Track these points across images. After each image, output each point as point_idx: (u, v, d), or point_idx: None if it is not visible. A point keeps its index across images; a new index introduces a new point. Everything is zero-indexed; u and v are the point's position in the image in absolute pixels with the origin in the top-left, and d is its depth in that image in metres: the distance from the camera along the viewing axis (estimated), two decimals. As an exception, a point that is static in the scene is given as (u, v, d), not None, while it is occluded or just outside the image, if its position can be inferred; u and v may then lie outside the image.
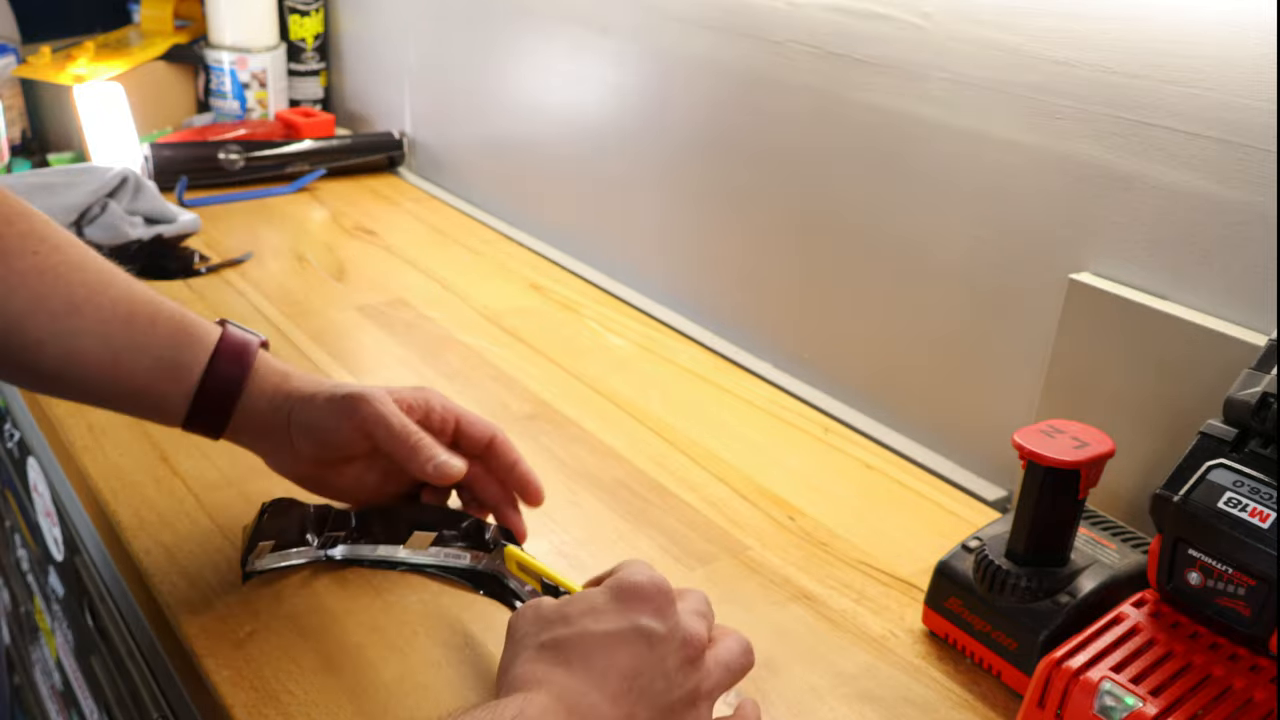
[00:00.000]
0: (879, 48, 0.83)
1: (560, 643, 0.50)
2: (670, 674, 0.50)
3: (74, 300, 0.59)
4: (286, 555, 0.64)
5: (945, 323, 0.83)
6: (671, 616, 0.52)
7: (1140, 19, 0.67)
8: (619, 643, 0.50)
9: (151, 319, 0.61)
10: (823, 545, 0.73)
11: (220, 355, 0.62)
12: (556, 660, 0.50)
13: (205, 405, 0.62)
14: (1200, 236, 0.67)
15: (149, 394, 0.61)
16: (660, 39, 1.03)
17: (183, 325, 0.62)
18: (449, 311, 1.05)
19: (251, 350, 0.63)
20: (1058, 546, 0.61)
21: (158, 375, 0.61)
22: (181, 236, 1.15)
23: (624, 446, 0.83)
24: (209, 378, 0.62)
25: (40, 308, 0.58)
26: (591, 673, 0.49)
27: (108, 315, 0.60)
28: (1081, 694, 0.52)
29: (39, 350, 0.58)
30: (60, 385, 0.61)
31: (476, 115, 1.34)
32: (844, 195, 0.89)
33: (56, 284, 0.58)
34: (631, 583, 0.52)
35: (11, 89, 1.46)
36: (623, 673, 0.49)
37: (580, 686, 0.48)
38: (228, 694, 0.55)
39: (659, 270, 1.10)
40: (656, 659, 0.50)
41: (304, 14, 1.57)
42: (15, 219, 0.59)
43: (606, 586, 0.53)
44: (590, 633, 0.51)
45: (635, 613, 0.51)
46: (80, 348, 0.59)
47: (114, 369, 0.60)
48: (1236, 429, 0.55)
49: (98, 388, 0.61)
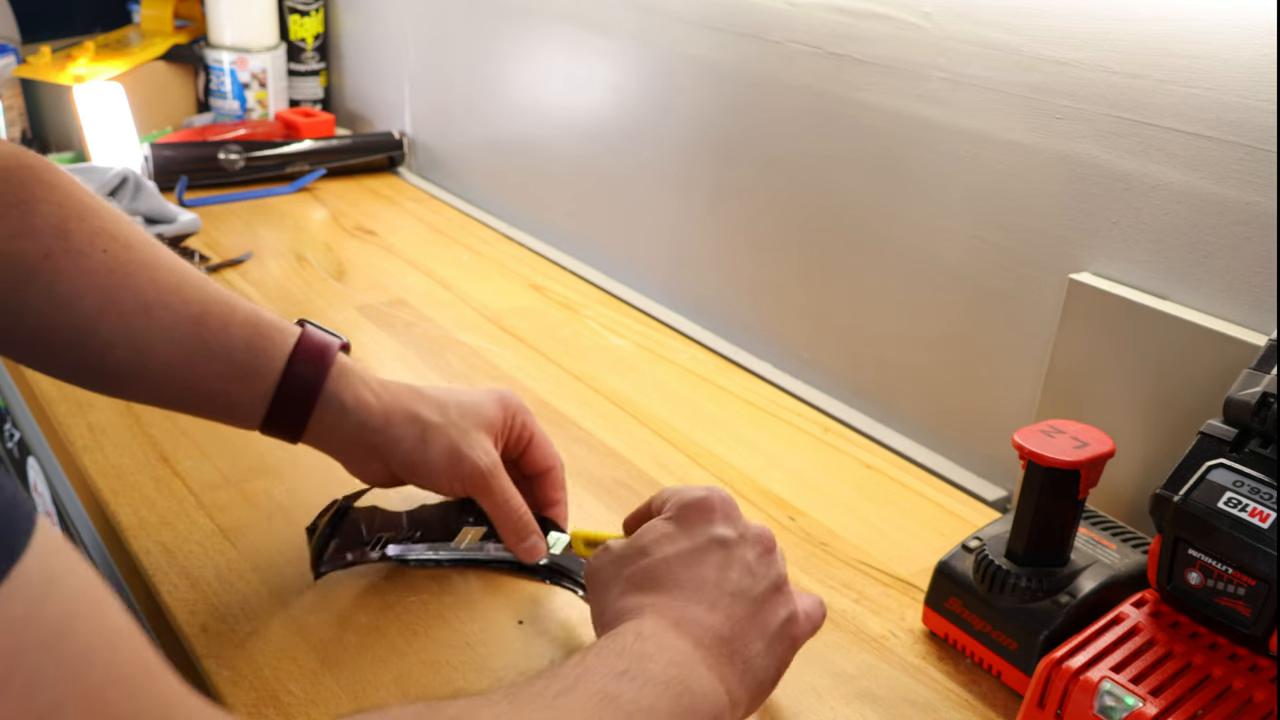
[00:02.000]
0: (879, 48, 0.83)
1: (646, 572, 0.53)
2: (753, 568, 0.53)
3: (145, 301, 0.57)
4: (344, 557, 0.64)
5: (945, 322, 0.83)
6: (738, 519, 0.55)
7: (1140, 19, 0.67)
8: (699, 556, 0.53)
9: (225, 321, 0.59)
10: (823, 545, 0.73)
11: (298, 358, 0.60)
12: (648, 588, 0.52)
13: (282, 409, 0.60)
14: (1200, 236, 0.67)
15: (223, 397, 0.59)
16: (660, 39, 1.03)
17: (258, 327, 0.59)
18: (449, 311, 1.05)
19: (331, 353, 0.61)
20: (1058, 546, 0.61)
21: (232, 379, 0.59)
22: (181, 236, 1.15)
23: (624, 446, 0.83)
24: (285, 382, 0.59)
25: (110, 308, 0.56)
26: (684, 589, 0.52)
27: (180, 316, 0.58)
28: (1081, 694, 0.52)
29: (110, 352, 0.57)
30: (132, 388, 0.60)
31: (476, 115, 1.34)
32: (843, 195, 0.89)
33: (127, 283, 0.57)
34: (693, 499, 0.55)
35: (11, 89, 1.46)
36: (712, 581, 0.52)
37: (677, 603, 0.51)
38: (228, 694, 0.55)
39: (659, 270, 1.10)
40: (737, 560, 0.53)
41: (304, 14, 1.57)
42: (87, 215, 0.57)
43: (670, 511, 0.55)
44: (670, 555, 0.53)
45: (705, 525, 0.54)
46: (152, 350, 0.57)
47: (187, 371, 0.58)
48: (1236, 429, 0.55)
49: (170, 391, 0.59)
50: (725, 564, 0.53)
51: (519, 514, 0.64)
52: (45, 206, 0.56)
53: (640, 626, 0.49)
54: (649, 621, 0.49)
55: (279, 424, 0.60)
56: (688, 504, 0.55)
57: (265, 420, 0.60)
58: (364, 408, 0.61)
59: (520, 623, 0.62)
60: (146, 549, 0.66)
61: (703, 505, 0.55)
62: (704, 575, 0.52)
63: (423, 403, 0.63)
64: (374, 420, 0.61)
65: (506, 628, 0.62)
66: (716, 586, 0.52)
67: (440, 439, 0.62)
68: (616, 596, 0.53)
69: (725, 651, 0.50)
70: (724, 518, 0.55)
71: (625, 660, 0.46)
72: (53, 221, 0.56)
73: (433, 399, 0.64)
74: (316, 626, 0.60)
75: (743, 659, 0.50)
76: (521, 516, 0.64)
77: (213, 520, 0.69)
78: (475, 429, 0.64)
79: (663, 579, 0.52)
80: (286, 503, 0.71)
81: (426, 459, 0.62)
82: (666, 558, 0.53)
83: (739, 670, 0.50)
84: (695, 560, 0.53)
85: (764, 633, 0.52)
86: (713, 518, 0.54)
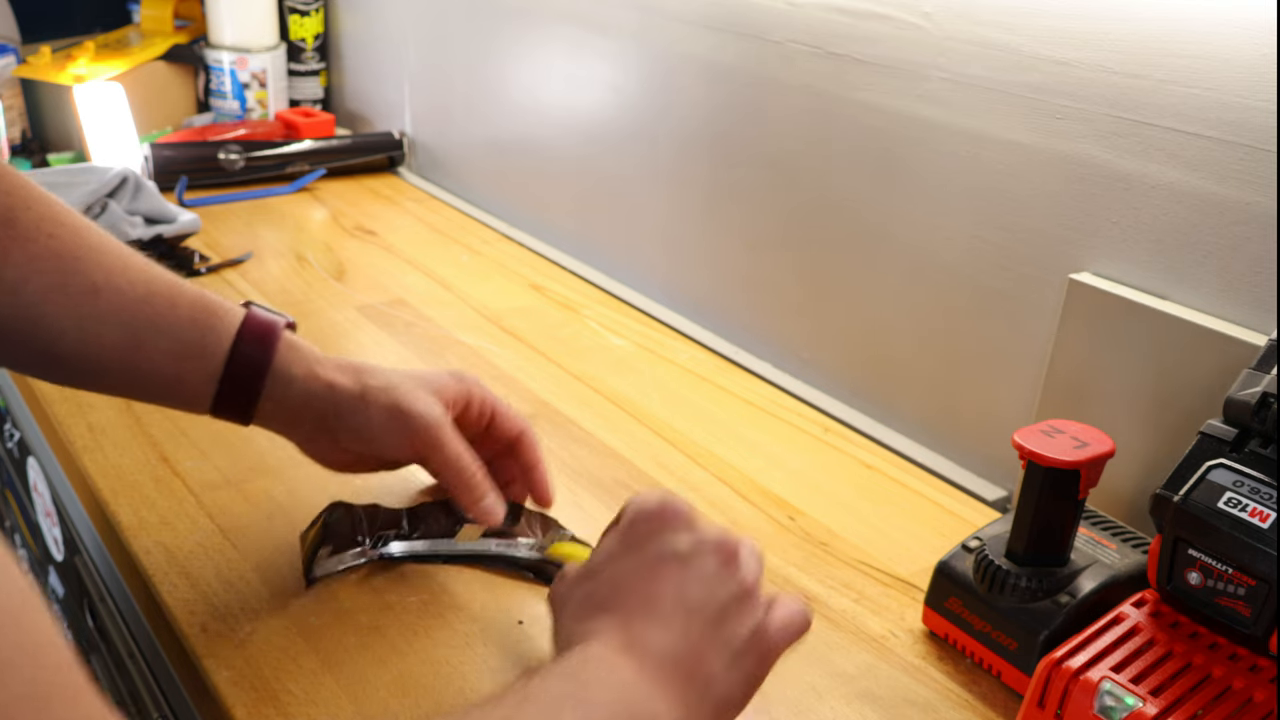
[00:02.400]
0: (879, 48, 0.83)
1: (596, 594, 0.51)
2: (711, 580, 0.50)
3: (93, 283, 0.57)
4: (343, 559, 0.64)
5: (945, 322, 0.83)
6: (695, 527, 0.52)
7: (1140, 19, 0.67)
8: (651, 572, 0.50)
9: (172, 300, 0.59)
10: (823, 545, 0.73)
11: (244, 337, 0.59)
12: (597, 610, 0.50)
13: (231, 389, 0.60)
14: (1200, 236, 0.67)
15: (171, 378, 0.59)
16: (660, 39, 1.03)
17: (205, 306, 0.59)
18: (449, 311, 1.05)
19: (276, 331, 0.60)
20: (1058, 546, 0.61)
21: (179, 358, 0.59)
22: (181, 236, 1.15)
23: (624, 446, 0.83)
24: (233, 360, 0.59)
25: (57, 293, 0.56)
26: (633, 609, 0.49)
27: (127, 298, 0.58)
28: (1081, 694, 0.52)
29: (60, 338, 0.57)
30: (82, 373, 0.59)
31: (476, 115, 1.34)
32: (844, 195, 0.89)
33: (75, 266, 0.57)
34: (639, 513, 0.53)
35: (11, 89, 1.46)
36: (666, 597, 0.49)
37: (627, 624, 0.49)
38: (228, 694, 0.55)
39: (659, 270, 1.10)
40: (693, 573, 0.50)
41: (304, 14, 1.57)
42: (32, 203, 0.57)
43: (621, 526, 0.53)
44: (620, 573, 0.51)
45: (656, 538, 0.52)
46: (100, 331, 0.57)
47: (134, 353, 0.58)
48: (1236, 429, 0.55)
49: (120, 374, 0.59)
50: (680, 578, 0.50)
51: (471, 470, 0.62)
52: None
53: (587, 651, 0.47)
54: (596, 646, 0.48)
55: (229, 403, 0.60)
56: (634, 518, 0.53)
57: (215, 400, 0.60)
58: (311, 378, 0.61)
59: (520, 623, 0.62)
60: (146, 549, 0.66)
61: (653, 517, 0.52)
62: (656, 591, 0.49)
63: (369, 373, 0.63)
64: (317, 388, 0.61)
65: (506, 628, 0.62)
66: (671, 603, 0.49)
67: (383, 398, 0.61)
68: (569, 620, 0.51)
69: (680, 672, 0.47)
70: (676, 528, 0.52)
71: (569, 685, 0.45)
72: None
73: (380, 370, 0.63)
74: (316, 626, 0.60)
75: (702, 678, 0.48)
76: (475, 474, 0.62)
77: (213, 520, 0.69)
78: (422, 390, 0.63)
79: (610, 600, 0.50)
80: (286, 503, 0.71)
81: (369, 419, 0.61)
82: (616, 576, 0.51)
83: (698, 689, 0.48)
84: (647, 576, 0.50)
85: (726, 648, 0.49)
86: (664, 529, 0.52)
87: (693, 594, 0.50)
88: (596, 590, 0.51)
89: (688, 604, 0.49)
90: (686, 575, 0.50)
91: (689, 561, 0.51)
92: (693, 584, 0.50)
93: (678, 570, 0.50)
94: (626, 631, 0.48)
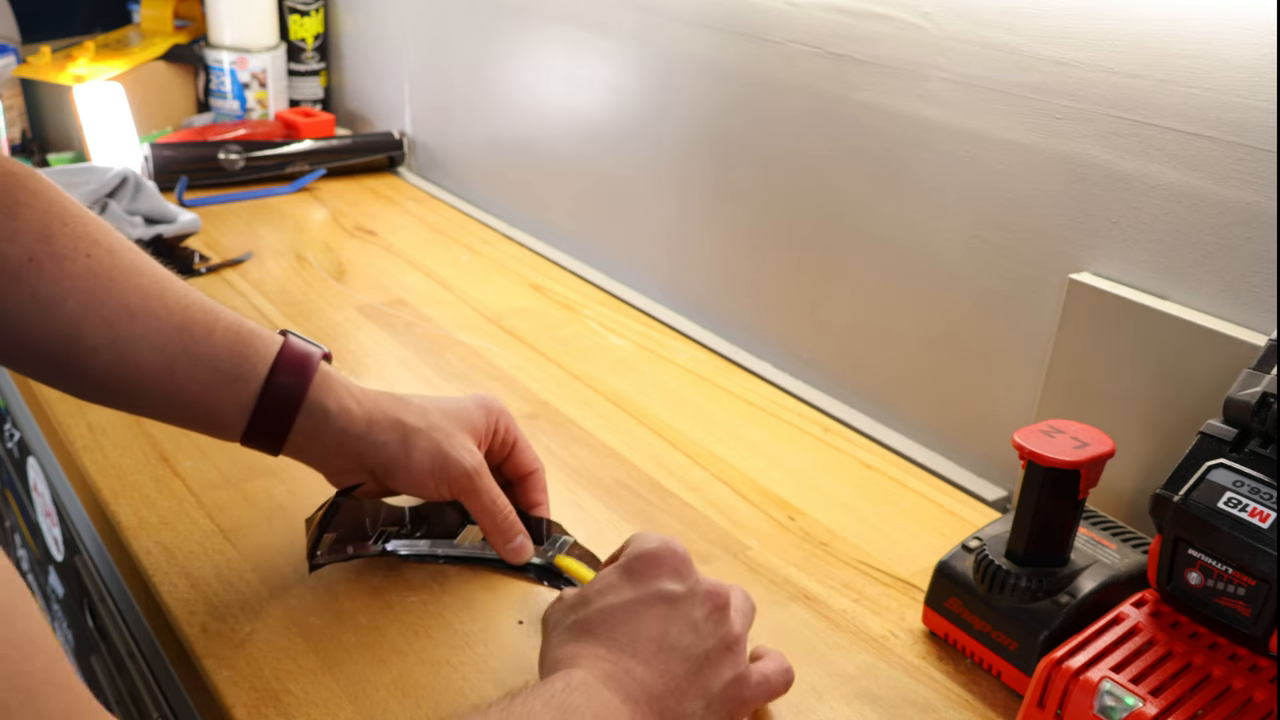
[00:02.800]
0: (879, 48, 0.83)
1: (586, 622, 0.52)
2: (698, 626, 0.52)
3: (129, 305, 0.57)
4: (347, 549, 0.64)
5: (945, 322, 0.83)
6: (688, 575, 0.54)
7: (1140, 19, 0.67)
8: (641, 609, 0.52)
9: (209, 327, 0.58)
10: (823, 545, 0.73)
11: (281, 365, 0.59)
12: (585, 638, 0.51)
13: (263, 420, 0.59)
14: (1200, 236, 0.67)
15: (204, 405, 0.59)
16: (660, 39, 1.03)
17: (241, 335, 0.59)
18: (449, 311, 1.05)
19: (313, 361, 0.60)
20: (1058, 546, 0.61)
21: (213, 385, 0.58)
22: (181, 236, 1.15)
23: (624, 446, 0.83)
24: (268, 389, 0.59)
25: (94, 312, 0.56)
26: (620, 642, 0.51)
27: (163, 322, 0.57)
28: (1081, 694, 0.52)
29: (93, 357, 0.56)
30: (115, 394, 0.59)
31: (476, 115, 1.34)
32: (844, 195, 0.89)
33: (111, 288, 0.57)
34: (643, 551, 0.54)
35: (11, 89, 1.46)
36: (650, 636, 0.51)
37: (612, 655, 0.50)
38: (228, 694, 0.55)
39: (659, 270, 1.10)
40: (681, 617, 0.52)
41: (304, 14, 1.57)
42: (70, 220, 0.57)
43: (620, 562, 0.55)
44: (612, 606, 0.52)
45: (651, 579, 0.53)
46: (134, 355, 0.57)
47: (169, 378, 0.58)
48: (1236, 429, 0.55)
49: (152, 397, 0.59)
50: (668, 619, 0.52)
51: (505, 514, 0.64)
52: (28, 211, 0.56)
53: (570, 677, 0.48)
54: (579, 673, 0.49)
55: (260, 433, 0.60)
56: (638, 555, 0.54)
57: (247, 429, 0.60)
58: (346, 414, 0.61)
59: (520, 623, 0.62)
60: (146, 549, 0.66)
61: (652, 558, 0.54)
62: (643, 629, 0.51)
63: (405, 408, 0.63)
64: (356, 427, 0.61)
65: (506, 628, 0.62)
66: (655, 641, 0.51)
67: (423, 441, 0.62)
68: (556, 644, 0.52)
69: (657, 708, 0.49)
70: (673, 572, 0.53)
71: (550, 710, 0.46)
72: (36, 226, 0.56)
73: (415, 405, 0.64)
74: (316, 627, 0.60)
75: (675, 717, 0.50)
76: (507, 516, 0.64)
77: (213, 520, 0.69)
78: (459, 431, 0.64)
79: (599, 630, 0.51)
80: (286, 502, 0.71)
81: (410, 462, 0.62)
82: (607, 608, 0.52)
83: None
84: (636, 613, 0.52)
85: (704, 693, 0.51)
86: (660, 571, 0.53)
87: (678, 637, 0.51)
88: (587, 619, 0.52)
89: (672, 644, 0.51)
90: (675, 618, 0.52)
91: (679, 605, 0.52)
92: (680, 627, 0.52)
93: (667, 612, 0.52)
94: (610, 663, 0.50)
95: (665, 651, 0.51)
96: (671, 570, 0.53)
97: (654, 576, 0.53)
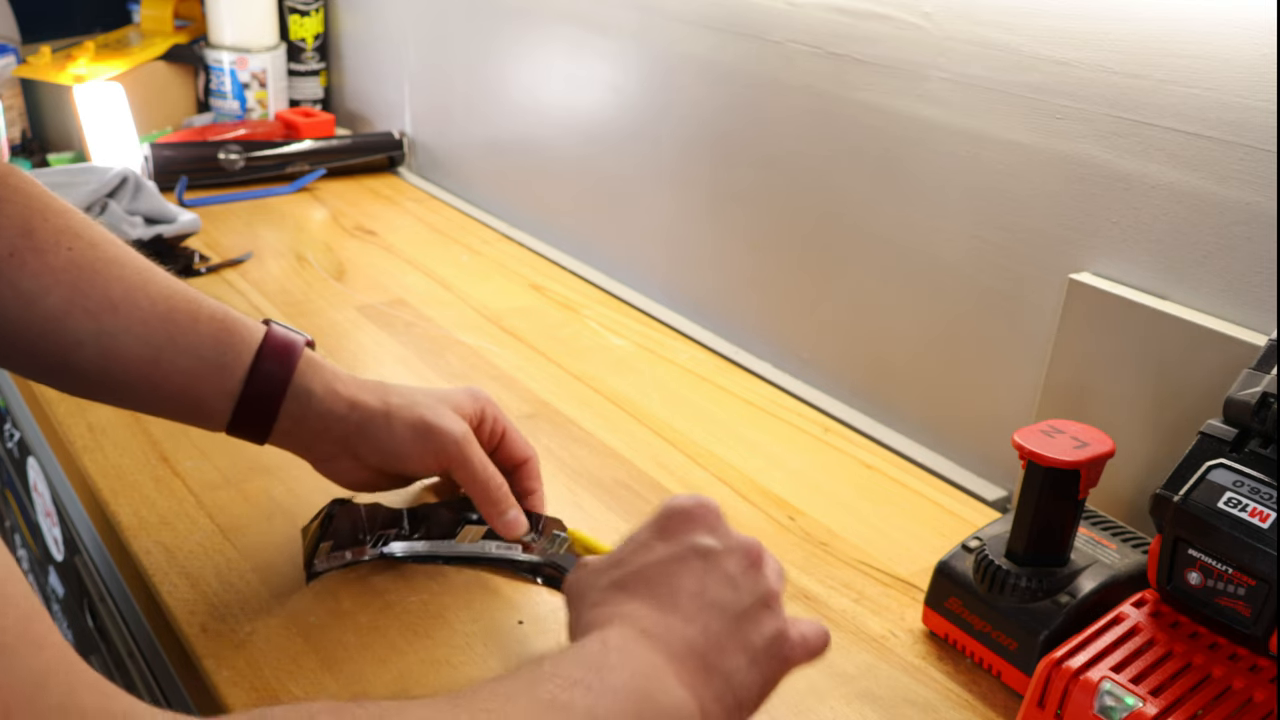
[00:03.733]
0: (879, 48, 0.83)
1: (622, 581, 0.51)
2: (735, 580, 0.51)
3: (111, 297, 0.57)
4: (344, 555, 0.65)
5: (945, 322, 0.83)
6: (723, 530, 0.52)
7: (1140, 19, 0.67)
8: (677, 565, 0.51)
9: (193, 316, 0.59)
10: (823, 545, 0.73)
11: (264, 355, 0.59)
12: (621, 596, 0.50)
13: (248, 408, 0.59)
14: (1200, 236, 0.67)
15: (190, 395, 0.59)
16: (660, 39, 1.03)
17: (225, 324, 0.59)
18: (449, 311, 1.05)
19: (297, 350, 0.60)
20: (1058, 546, 0.61)
21: (199, 375, 0.58)
22: (181, 236, 1.15)
23: (624, 446, 0.83)
24: (253, 377, 0.59)
25: (77, 305, 0.56)
26: (660, 599, 0.49)
27: (147, 313, 0.57)
28: (1081, 694, 0.52)
29: (78, 350, 0.56)
30: (100, 387, 0.59)
31: (476, 115, 1.34)
32: (844, 195, 0.89)
33: (94, 280, 0.57)
34: (675, 508, 0.53)
35: (11, 89, 1.46)
36: (689, 592, 0.50)
37: (651, 612, 0.49)
38: (228, 694, 0.55)
39: (659, 270, 1.10)
40: (718, 571, 0.51)
41: (304, 14, 1.57)
42: (51, 214, 0.57)
43: (652, 520, 0.54)
44: (648, 564, 0.51)
45: (685, 534, 0.52)
46: (119, 347, 0.57)
47: (154, 369, 0.58)
48: (1236, 429, 0.55)
49: (139, 390, 0.59)
50: (704, 573, 0.50)
51: (497, 484, 0.63)
52: (9, 206, 0.56)
53: (606, 636, 0.47)
54: (616, 631, 0.47)
55: (247, 421, 0.60)
56: (669, 513, 0.53)
57: (233, 417, 0.60)
58: (332, 395, 0.61)
59: (520, 623, 0.62)
60: (146, 549, 0.66)
61: (685, 514, 0.53)
62: (681, 584, 0.50)
63: (389, 390, 0.63)
64: (339, 408, 0.61)
65: (507, 628, 0.62)
66: (694, 597, 0.49)
67: (407, 414, 0.62)
68: (589, 606, 0.51)
69: (700, 664, 0.47)
70: (707, 527, 0.52)
71: (583, 669, 0.44)
72: (17, 220, 0.56)
73: (400, 388, 0.64)
74: (316, 627, 0.60)
75: (721, 673, 0.48)
76: (500, 486, 0.63)
77: (213, 520, 0.69)
78: (442, 406, 0.63)
79: (637, 587, 0.50)
80: (286, 502, 0.71)
81: (394, 436, 0.61)
82: (643, 566, 0.51)
83: (716, 685, 0.47)
84: (673, 569, 0.50)
85: (746, 647, 0.49)
86: (694, 527, 0.52)
87: (716, 591, 0.50)
88: (623, 579, 0.51)
89: (711, 599, 0.50)
90: (711, 572, 0.51)
91: (715, 560, 0.51)
92: (717, 581, 0.50)
93: (703, 567, 0.51)
94: (648, 619, 0.48)
95: (705, 606, 0.49)
96: (705, 525, 0.52)
97: (688, 532, 0.52)
